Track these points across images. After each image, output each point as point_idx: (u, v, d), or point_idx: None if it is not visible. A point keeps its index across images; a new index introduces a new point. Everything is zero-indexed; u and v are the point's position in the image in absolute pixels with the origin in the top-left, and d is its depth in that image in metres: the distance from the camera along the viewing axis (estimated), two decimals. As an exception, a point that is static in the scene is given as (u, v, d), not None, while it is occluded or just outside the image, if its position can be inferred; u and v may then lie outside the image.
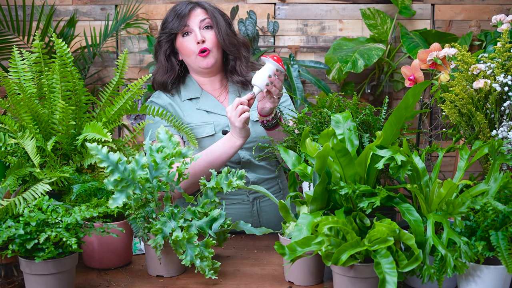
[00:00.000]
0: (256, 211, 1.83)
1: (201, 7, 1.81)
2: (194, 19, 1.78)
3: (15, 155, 1.40)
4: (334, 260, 1.09)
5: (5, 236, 1.12)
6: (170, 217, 1.31)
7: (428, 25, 3.23)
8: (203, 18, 1.79)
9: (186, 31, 1.78)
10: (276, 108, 1.64)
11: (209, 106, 1.83)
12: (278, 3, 3.23)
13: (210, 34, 1.78)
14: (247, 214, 1.82)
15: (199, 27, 1.78)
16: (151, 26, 3.11)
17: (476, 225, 1.17)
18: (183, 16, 1.78)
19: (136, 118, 2.90)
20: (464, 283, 1.17)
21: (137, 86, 1.52)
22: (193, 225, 1.32)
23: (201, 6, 1.81)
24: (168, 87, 1.86)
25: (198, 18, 1.79)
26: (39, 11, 2.96)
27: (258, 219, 1.83)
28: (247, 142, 1.72)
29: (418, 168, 1.26)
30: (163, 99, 1.85)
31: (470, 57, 1.37)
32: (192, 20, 1.78)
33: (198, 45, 1.76)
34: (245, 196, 1.82)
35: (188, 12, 1.78)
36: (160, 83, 1.86)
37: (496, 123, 1.36)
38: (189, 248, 1.28)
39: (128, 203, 1.35)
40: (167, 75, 1.85)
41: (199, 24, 1.78)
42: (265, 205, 1.85)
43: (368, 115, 1.45)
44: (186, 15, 1.78)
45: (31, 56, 1.47)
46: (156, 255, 1.31)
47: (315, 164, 1.19)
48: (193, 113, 1.82)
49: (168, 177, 1.32)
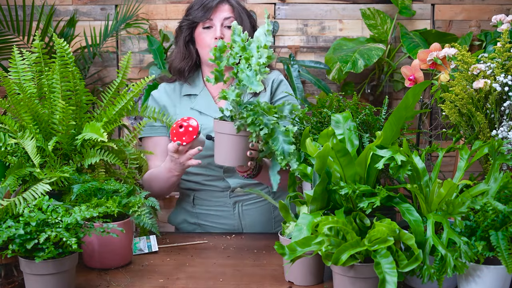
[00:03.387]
0: (238, 214, 1.83)
1: (229, 4, 1.79)
2: (219, 14, 1.76)
3: (15, 155, 1.40)
4: (334, 260, 1.09)
5: (5, 236, 1.12)
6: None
7: (428, 25, 3.23)
8: (228, 16, 1.76)
9: (208, 25, 1.77)
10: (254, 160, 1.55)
11: (203, 107, 1.82)
12: (278, 3, 3.23)
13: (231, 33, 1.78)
14: (229, 216, 1.83)
15: (222, 24, 1.76)
16: (151, 26, 3.11)
17: (476, 225, 1.17)
18: (209, 8, 1.76)
19: (136, 118, 2.90)
20: (464, 283, 1.17)
21: (138, 87, 1.52)
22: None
23: (229, 3, 1.79)
24: (184, 73, 1.84)
25: (223, 14, 1.76)
26: (39, 11, 2.96)
27: (240, 221, 1.83)
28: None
29: (418, 168, 1.26)
30: (161, 94, 1.86)
31: (470, 57, 1.37)
32: (217, 15, 1.76)
33: (215, 40, 1.73)
34: (227, 199, 1.82)
35: (215, 5, 1.76)
36: (177, 69, 1.85)
37: (496, 123, 1.36)
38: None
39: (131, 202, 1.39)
40: (185, 61, 1.83)
41: (222, 21, 1.76)
42: (248, 209, 1.84)
43: (368, 115, 1.45)
44: (211, 8, 1.76)
45: (31, 56, 1.47)
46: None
47: (315, 164, 1.19)
48: (187, 112, 1.82)
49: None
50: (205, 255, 1.52)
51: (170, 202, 3.18)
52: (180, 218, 1.90)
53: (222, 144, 1.40)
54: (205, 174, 1.81)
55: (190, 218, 1.87)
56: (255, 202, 1.84)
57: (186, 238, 1.68)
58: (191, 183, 1.84)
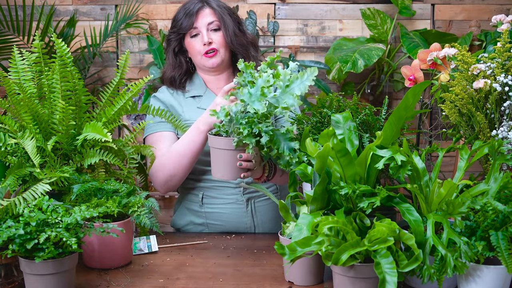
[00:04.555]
0: (251, 211, 1.82)
1: (210, 7, 1.81)
2: (202, 20, 1.79)
3: (15, 155, 1.40)
4: (334, 260, 1.09)
5: (5, 236, 1.12)
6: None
7: (428, 25, 3.23)
8: (211, 21, 1.79)
9: (195, 33, 1.79)
10: (266, 163, 1.63)
11: (209, 106, 1.83)
12: (278, 3, 3.23)
13: (218, 36, 1.79)
14: (242, 214, 1.82)
15: (207, 29, 1.78)
16: (151, 26, 3.11)
17: (476, 225, 1.17)
18: (191, 16, 1.78)
19: (136, 118, 2.90)
20: (464, 283, 1.17)
21: (137, 87, 1.52)
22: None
23: (210, 6, 1.81)
24: (176, 82, 1.87)
25: (206, 19, 1.79)
26: (39, 11, 2.96)
27: (253, 219, 1.83)
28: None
29: (418, 168, 1.26)
30: (166, 95, 1.86)
31: (470, 57, 1.37)
32: (200, 21, 1.78)
33: (205, 46, 1.77)
34: (239, 196, 1.82)
35: (196, 12, 1.79)
36: (168, 79, 1.88)
37: (496, 123, 1.36)
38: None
39: (130, 202, 1.39)
40: (175, 71, 1.87)
41: (206, 26, 1.78)
42: (261, 205, 1.84)
43: (368, 115, 1.45)
44: (194, 15, 1.78)
45: (31, 56, 1.47)
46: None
47: (315, 164, 1.19)
48: (193, 111, 1.82)
49: None
50: (205, 255, 1.52)
51: (170, 202, 3.18)
52: (185, 220, 1.87)
53: (220, 159, 1.43)
54: None
55: (197, 219, 1.85)
56: (267, 199, 1.84)
57: (186, 238, 1.68)
58: (200, 182, 1.82)
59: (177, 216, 1.91)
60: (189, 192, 1.87)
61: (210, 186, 1.82)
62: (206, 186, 1.82)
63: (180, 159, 1.68)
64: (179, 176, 1.72)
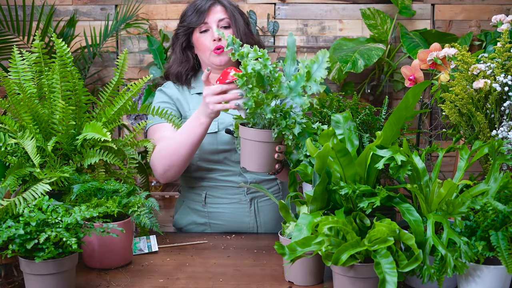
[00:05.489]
0: (254, 211, 1.83)
1: (221, 5, 1.81)
2: (213, 16, 1.78)
3: (15, 155, 1.40)
4: (334, 260, 1.09)
5: (5, 236, 1.12)
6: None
7: (428, 25, 3.23)
8: (222, 18, 1.78)
9: (204, 29, 1.78)
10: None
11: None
12: (278, 3, 3.23)
13: (228, 33, 1.78)
14: (245, 214, 1.82)
15: (217, 26, 1.78)
16: (151, 26, 3.11)
17: (476, 225, 1.17)
18: (202, 12, 1.78)
19: (136, 118, 2.90)
20: (464, 283, 1.17)
21: (137, 86, 1.52)
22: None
23: (221, 4, 1.81)
24: (182, 78, 1.87)
25: (216, 16, 1.78)
26: (39, 11, 2.96)
27: (256, 219, 1.83)
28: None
29: (418, 168, 1.26)
30: (172, 90, 1.86)
31: (470, 57, 1.37)
32: (211, 17, 1.78)
33: (214, 42, 1.76)
34: (243, 195, 1.82)
35: (207, 8, 1.78)
36: (174, 74, 1.87)
37: (496, 123, 1.36)
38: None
39: (130, 202, 1.38)
40: (182, 66, 1.86)
41: (217, 23, 1.78)
42: (264, 205, 1.84)
43: (368, 115, 1.46)
44: (205, 11, 1.78)
45: (31, 56, 1.47)
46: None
47: (315, 164, 1.19)
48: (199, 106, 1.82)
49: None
50: (205, 255, 1.52)
51: (170, 202, 3.18)
52: (187, 220, 1.87)
53: (257, 151, 1.43)
54: (221, 169, 1.80)
55: (199, 219, 1.84)
56: (269, 199, 1.84)
57: (186, 238, 1.68)
58: (204, 181, 1.82)
59: (179, 215, 1.91)
60: (191, 191, 1.86)
61: (213, 186, 1.82)
62: (210, 186, 1.82)
63: (178, 149, 1.65)
64: (177, 165, 1.68)
